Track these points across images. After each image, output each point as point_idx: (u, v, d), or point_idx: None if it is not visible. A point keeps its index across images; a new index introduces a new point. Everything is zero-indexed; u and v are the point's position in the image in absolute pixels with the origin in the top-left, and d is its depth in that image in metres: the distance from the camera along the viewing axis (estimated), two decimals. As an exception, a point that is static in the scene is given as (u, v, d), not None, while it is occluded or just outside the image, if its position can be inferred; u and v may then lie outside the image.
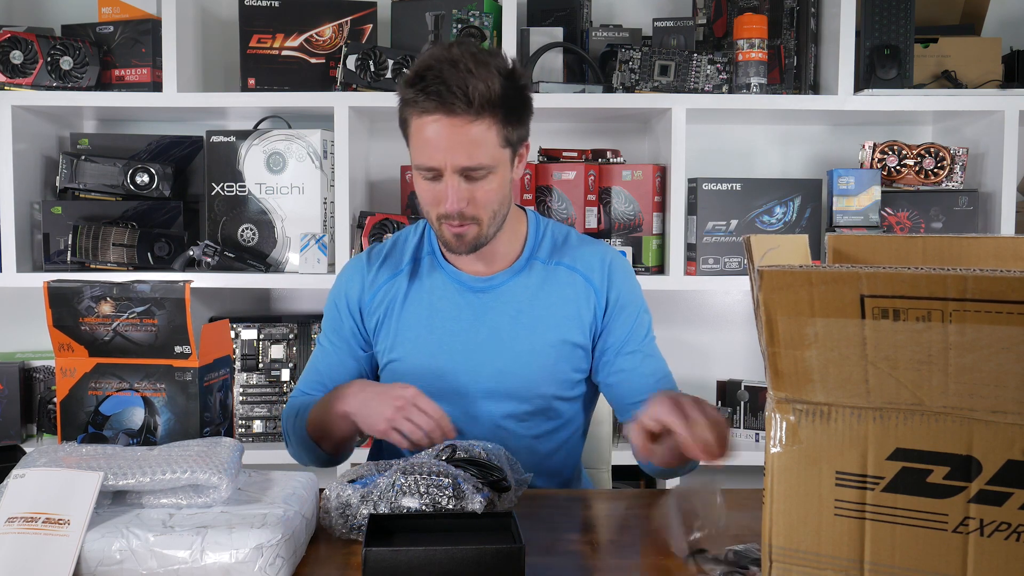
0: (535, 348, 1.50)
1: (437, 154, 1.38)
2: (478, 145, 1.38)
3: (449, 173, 1.39)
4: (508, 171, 1.45)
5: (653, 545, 1.22)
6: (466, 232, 1.44)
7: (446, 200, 1.40)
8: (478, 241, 1.46)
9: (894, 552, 0.78)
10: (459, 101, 1.34)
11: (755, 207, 2.29)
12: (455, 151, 1.37)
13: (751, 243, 0.95)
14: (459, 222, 1.42)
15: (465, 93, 1.34)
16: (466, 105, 1.35)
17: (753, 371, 2.54)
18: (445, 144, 1.37)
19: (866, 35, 2.23)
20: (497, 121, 1.39)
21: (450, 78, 1.34)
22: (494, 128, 1.39)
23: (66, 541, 1.02)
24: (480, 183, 1.41)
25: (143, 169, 2.31)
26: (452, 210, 1.40)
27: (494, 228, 1.46)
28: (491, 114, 1.37)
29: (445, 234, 1.45)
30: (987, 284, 0.70)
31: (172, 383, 1.35)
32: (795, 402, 0.80)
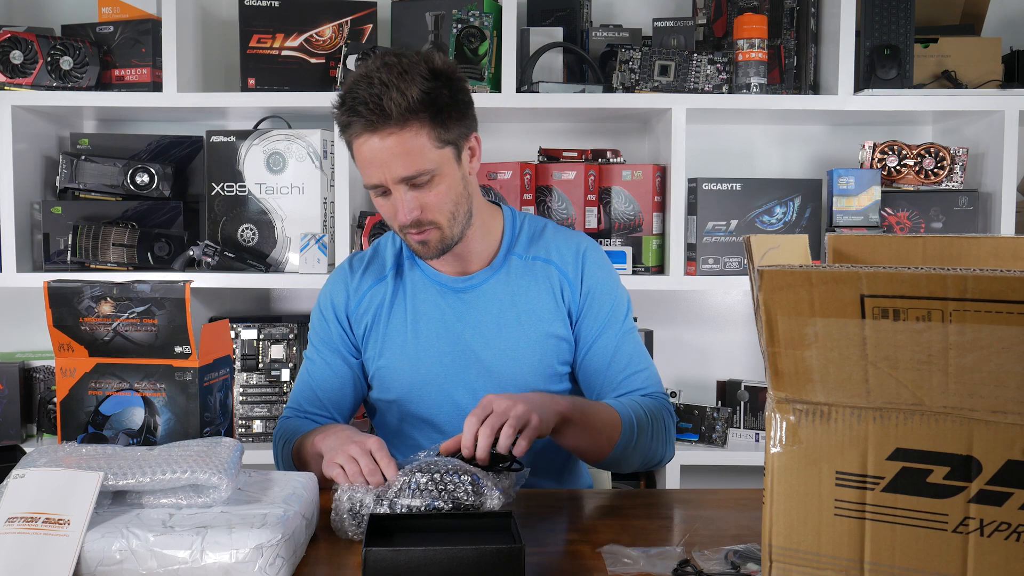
0: (520, 344, 1.51)
1: (376, 171, 1.39)
2: (410, 153, 1.37)
3: (393, 186, 1.40)
4: (455, 170, 1.43)
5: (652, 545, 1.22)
6: (428, 238, 1.44)
7: (397, 216, 1.42)
8: (443, 244, 1.46)
9: (894, 552, 0.78)
10: (377, 116, 1.35)
11: (755, 207, 2.29)
12: (390, 164, 1.38)
13: (751, 243, 0.95)
14: (417, 230, 1.43)
15: (380, 106, 1.34)
16: (384, 118, 1.35)
17: (753, 371, 2.54)
18: (380, 159, 1.38)
19: (866, 35, 2.23)
20: (425, 124, 1.37)
21: (365, 95, 1.35)
22: (423, 132, 1.37)
23: (66, 541, 1.02)
24: (427, 188, 1.41)
25: (143, 169, 2.31)
26: (405, 221, 1.41)
27: (457, 228, 1.46)
28: (416, 119, 1.36)
29: (410, 243, 1.47)
30: (987, 284, 0.70)
31: (172, 383, 1.35)
32: (795, 402, 0.80)
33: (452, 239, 1.46)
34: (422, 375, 1.52)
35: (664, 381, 2.52)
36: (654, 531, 1.32)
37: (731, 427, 2.36)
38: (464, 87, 1.45)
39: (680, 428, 2.37)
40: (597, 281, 1.54)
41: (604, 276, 1.56)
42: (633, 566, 1.10)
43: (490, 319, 1.52)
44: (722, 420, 2.34)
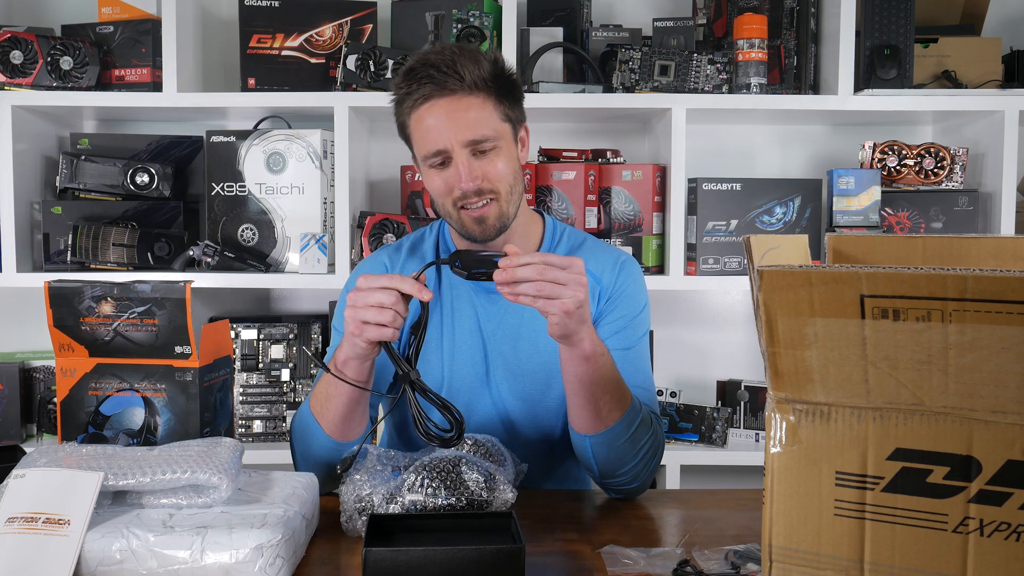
0: (548, 350, 1.50)
1: (442, 136, 1.40)
2: (479, 119, 1.40)
3: (458, 151, 1.40)
4: (514, 148, 1.47)
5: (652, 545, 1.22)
6: (487, 213, 1.43)
7: (460, 179, 1.40)
8: (501, 221, 1.44)
9: (894, 552, 0.78)
10: (452, 78, 1.38)
11: (755, 207, 2.29)
12: (458, 127, 1.39)
13: (751, 243, 0.95)
14: (478, 200, 1.42)
15: (455, 71, 1.38)
16: (459, 81, 1.39)
17: (753, 371, 2.54)
18: (447, 124, 1.40)
19: (866, 35, 2.23)
20: (491, 97, 1.42)
21: (438, 61, 1.39)
22: (490, 103, 1.42)
23: (66, 541, 1.02)
24: (489, 157, 1.42)
25: (143, 169, 2.31)
26: (468, 187, 1.40)
27: (513, 207, 1.46)
28: (484, 90, 1.41)
29: (465, 221, 1.44)
30: (987, 284, 0.70)
31: (172, 383, 1.35)
32: (795, 402, 0.80)
33: (508, 216, 1.45)
34: (451, 372, 1.50)
35: (664, 381, 2.54)
36: (654, 531, 1.32)
37: (731, 427, 2.36)
38: (518, 82, 1.49)
39: (680, 428, 2.37)
40: (625, 290, 1.53)
41: (634, 289, 1.55)
42: (633, 566, 1.10)
43: (521, 323, 1.51)
44: (722, 420, 2.34)
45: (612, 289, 1.53)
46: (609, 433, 1.37)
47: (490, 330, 1.51)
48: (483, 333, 1.51)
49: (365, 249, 2.24)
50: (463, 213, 1.43)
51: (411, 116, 1.43)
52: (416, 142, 1.44)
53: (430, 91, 1.39)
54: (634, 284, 1.55)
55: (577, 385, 1.34)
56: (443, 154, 1.41)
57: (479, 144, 1.40)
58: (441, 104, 1.40)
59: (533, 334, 1.51)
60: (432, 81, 1.39)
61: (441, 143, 1.40)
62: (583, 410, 1.36)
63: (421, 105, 1.41)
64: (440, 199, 1.45)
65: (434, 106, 1.40)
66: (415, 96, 1.41)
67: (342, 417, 1.38)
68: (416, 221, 2.26)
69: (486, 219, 1.43)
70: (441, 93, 1.39)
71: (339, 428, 1.38)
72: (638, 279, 1.57)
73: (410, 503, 1.17)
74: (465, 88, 1.39)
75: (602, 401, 1.35)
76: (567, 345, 1.31)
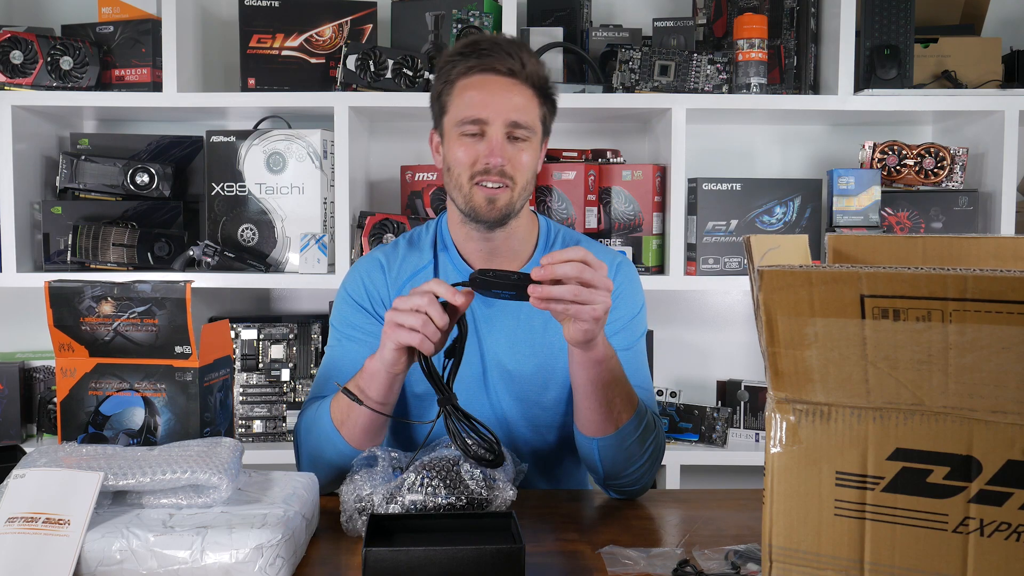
0: (544, 351, 1.50)
1: (486, 107, 1.43)
2: (524, 106, 1.45)
3: (496, 126, 1.43)
4: (538, 151, 1.50)
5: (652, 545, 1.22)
6: (499, 196, 1.44)
7: (490, 153, 1.43)
8: (508, 208, 1.46)
9: (894, 552, 0.78)
10: (514, 63, 1.44)
11: (755, 207, 2.29)
12: (505, 106, 1.43)
13: (751, 243, 0.95)
14: (496, 180, 1.43)
15: (520, 59, 1.44)
16: (520, 67, 1.44)
17: (753, 371, 2.54)
18: (495, 98, 1.43)
19: (866, 35, 2.23)
20: (536, 97, 1.47)
21: (507, 45, 1.45)
22: (536, 101, 1.47)
23: (66, 541, 1.02)
24: (521, 146, 1.46)
25: (143, 169, 2.31)
26: (495, 161, 1.42)
27: (521, 202, 1.48)
28: (533, 88, 1.47)
29: (477, 198, 1.45)
30: (987, 284, 0.70)
31: (172, 383, 1.35)
32: (795, 402, 0.80)
33: (515, 208, 1.47)
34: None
35: (664, 381, 2.54)
36: (654, 531, 1.32)
37: (731, 427, 2.36)
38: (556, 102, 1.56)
39: (680, 428, 2.37)
40: (624, 292, 1.54)
41: (632, 290, 1.55)
42: (633, 567, 1.10)
43: (517, 325, 1.51)
44: (722, 420, 2.34)
45: (613, 290, 1.53)
46: (619, 435, 1.37)
47: (486, 332, 1.51)
48: (479, 335, 1.51)
49: (365, 249, 2.24)
50: (477, 189, 1.45)
51: (459, 82, 1.46)
52: (455, 106, 1.46)
53: (490, 63, 1.44)
54: (632, 285, 1.56)
55: (591, 388, 1.34)
56: (480, 124, 1.44)
57: (517, 129, 1.44)
58: (495, 80, 1.44)
59: (529, 335, 1.51)
60: (495, 56, 1.43)
61: (484, 113, 1.43)
62: (595, 413, 1.36)
63: (475, 74, 1.45)
64: (458, 170, 1.46)
65: (488, 79, 1.44)
66: (471, 63, 1.44)
67: (366, 432, 1.37)
68: (416, 221, 2.26)
69: (496, 201, 1.44)
70: (498, 71, 1.44)
71: (361, 439, 1.38)
72: (635, 280, 1.57)
73: (410, 503, 1.17)
74: (521, 77, 1.45)
75: (614, 403, 1.35)
76: (584, 350, 1.30)
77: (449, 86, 1.47)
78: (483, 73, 1.44)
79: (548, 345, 1.50)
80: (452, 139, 1.47)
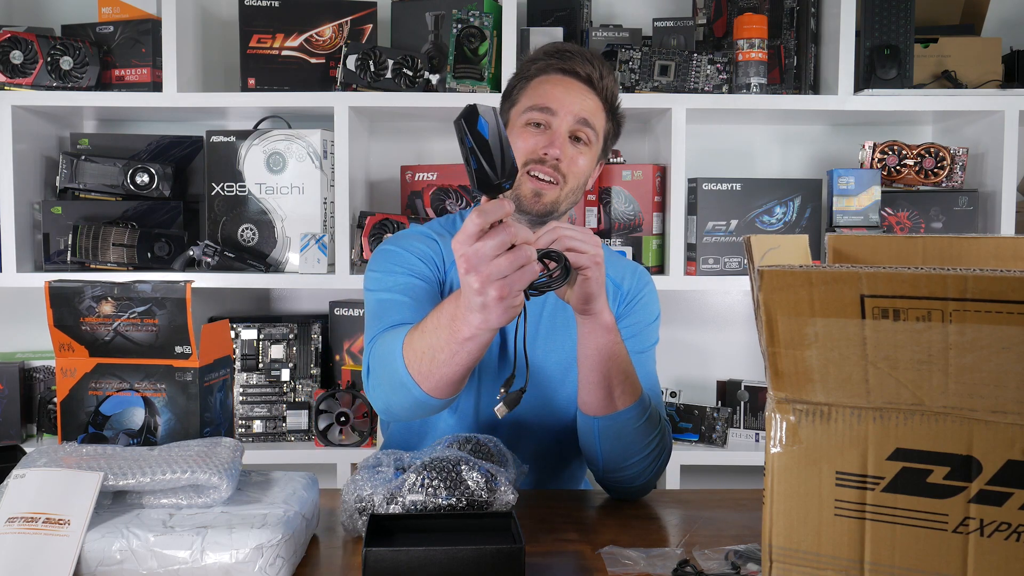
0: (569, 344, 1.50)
1: (559, 101, 1.46)
2: (594, 110, 1.49)
3: (563, 120, 1.46)
4: (593, 162, 1.53)
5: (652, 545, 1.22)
6: (547, 191, 1.46)
7: (549, 145, 1.45)
8: (553, 206, 1.47)
9: (894, 552, 0.78)
10: (594, 73, 1.48)
11: (755, 207, 2.29)
12: (576, 104, 1.47)
13: (751, 243, 0.95)
14: (549, 173, 1.45)
15: (600, 71, 1.49)
16: (599, 79, 1.49)
17: (753, 371, 2.54)
18: (569, 97, 1.47)
19: (866, 35, 2.23)
20: (606, 112, 1.52)
21: (592, 58, 1.50)
22: (604, 114, 1.52)
23: (66, 541, 1.02)
24: (581, 148, 1.48)
25: (143, 169, 2.31)
26: (555, 152, 1.45)
27: (565, 204, 1.50)
28: (604, 102, 1.51)
29: (525, 188, 1.46)
30: (987, 284, 0.70)
31: (172, 383, 1.35)
32: (795, 402, 0.80)
33: (559, 206, 1.49)
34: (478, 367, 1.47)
35: (664, 381, 2.54)
36: (654, 531, 1.32)
37: (731, 427, 2.36)
38: (620, 131, 1.61)
39: (680, 428, 2.37)
40: (644, 298, 1.57)
41: (651, 299, 1.58)
42: (633, 567, 1.10)
43: (540, 321, 1.52)
44: (722, 420, 2.34)
45: (633, 293, 1.57)
46: (619, 418, 1.36)
47: (510, 325, 1.50)
48: (503, 328, 1.49)
49: (365, 249, 2.24)
50: (527, 179, 1.46)
51: (536, 78, 1.50)
52: (526, 96, 1.50)
53: (571, 67, 1.47)
54: (651, 294, 1.60)
55: (596, 359, 1.32)
56: (548, 114, 1.46)
57: (582, 128, 1.47)
58: (573, 83, 1.48)
59: (551, 331, 1.52)
60: (578, 62, 1.47)
61: (554, 104, 1.46)
62: (597, 388, 1.35)
63: (555, 74, 1.49)
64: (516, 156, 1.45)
65: (566, 80, 1.48)
66: (552, 62, 1.49)
67: (451, 382, 1.23)
68: (416, 221, 2.26)
69: (543, 195, 1.46)
70: (577, 76, 1.48)
71: (445, 390, 1.24)
72: (653, 290, 1.61)
73: (410, 503, 1.17)
74: (597, 87, 1.49)
75: (615, 380, 1.34)
76: (590, 314, 1.29)
77: (525, 81, 1.52)
78: (562, 73, 1.48)
79: (570, 341, 1.51)
80: (516, 128, 1.49)
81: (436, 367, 1.21)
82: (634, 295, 1.57)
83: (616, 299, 1.55)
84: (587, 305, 1.29)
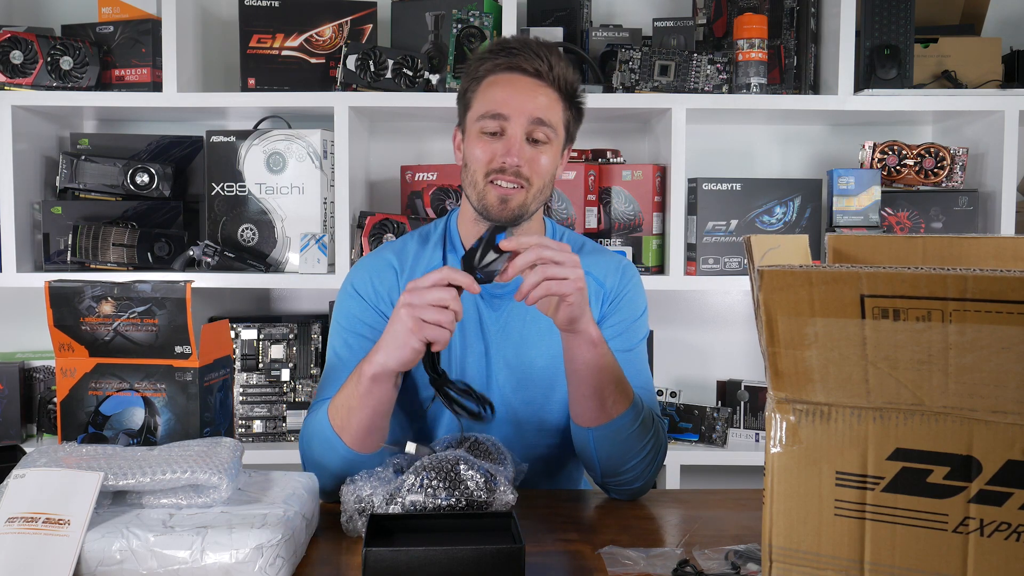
0: (554, 349, 1.50)
1: (508, 104, 1.43)
2: (548, 106, 1.45)
3: (516, 124, 1.43)
4: (559, 156, 1.49)
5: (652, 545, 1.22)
6: (513, 196, 1.44)
7: (508, 152, 1.42)
8: (521, 210, 1.45)
9: (894, 552, 0.78)
10: (542, 64, 1.43)
11: (755, 207, 2.29)
12: (528, 104, 1.43)
13: (751, 243, 0.95)
14: (511, 180, 1.43)
15: (548, 61, 1.44)
16: (548, 69, 1.44)
17: (753, 371, 2.54)
18: (519, 97, 1.43)
19: (866, 35, 2.23)
20: (562, 101, 1.47)
21: (536, 48, 1.45)
22: (561, 104, 1.47)
23: (66, 541, 1.02)
24: (540, 148, 1.45)
25: (143, 169, 2.31)
26: (512, 160, 1.42)
27: (535, 205, 1.47)
28: (559, 92, 1.46)
29: (490, 196, 1.44)
30: (987, 284, 0.70)
31: (172, 383, 1.35)
32: (795, 402, 0.80)
33: (528, 210, 1.46)
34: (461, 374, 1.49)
35: (664, 381, 2.54)
36: (654, 531, 1.32)
37: (731, 427, 2.36)
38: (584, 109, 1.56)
39: (680, 428, 2.37)
40: (628, 294, 1.54)
41: (635, 293, 1.56)
42: (633, 567, 1.10)
43: (524, 326, 1.51)
44: (722, 420, 2.34)
45: (616, 292, 1.54)
46: (612, 426, 1.36)
47: (493, 332, 1.51)
48: (486, 336, 1.51)
49: (365, 249, 2.24)
50: (490, 187, 1.44)
51: (485, 79, 1.46)
52: (478, 101, 1.46)
53: (517, 63, 1.43)
54: (635, 288, 1.56)
55: (585, 373, 1.33)
56: (501, 120, 1.43)
57: (538, 128, 1.43)
58: (521, 80, 1.44)
59: (538, 337, 1.51)
60: (523, 56, 1.43)
61: (506, 109, 1.43)
62: (589, 400, 1.35)
63: (502, 72, 1.45)
64: (474, 167, 1.45)
65: (514, 78, 1.44)
66: (499, 62, 1.44)
67: (368, 433, 1.33)
68: (416, 221, 2.26)
69: (509, 200, 1.44)
70: (525, 71, 1.44)
71: (364, 443, 1.34)
72: (639, 283, 1.58)
73: (410, 504, 1.17)
74: (547, 79, 1.44)
75: (607, 391, 1.34)
76: (574, 332, 1.30)
77: (475, 83, 1.47)
78: (509, 72, 1.44)
79: (555, 346, 1.50)
80: (472, 136, 1.46)
81: (351, 415, 1.32)
82: (618, 293, 1.54)
83: (599, 299, 1.53)
84: (571, 326, 1.29)
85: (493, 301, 1.51)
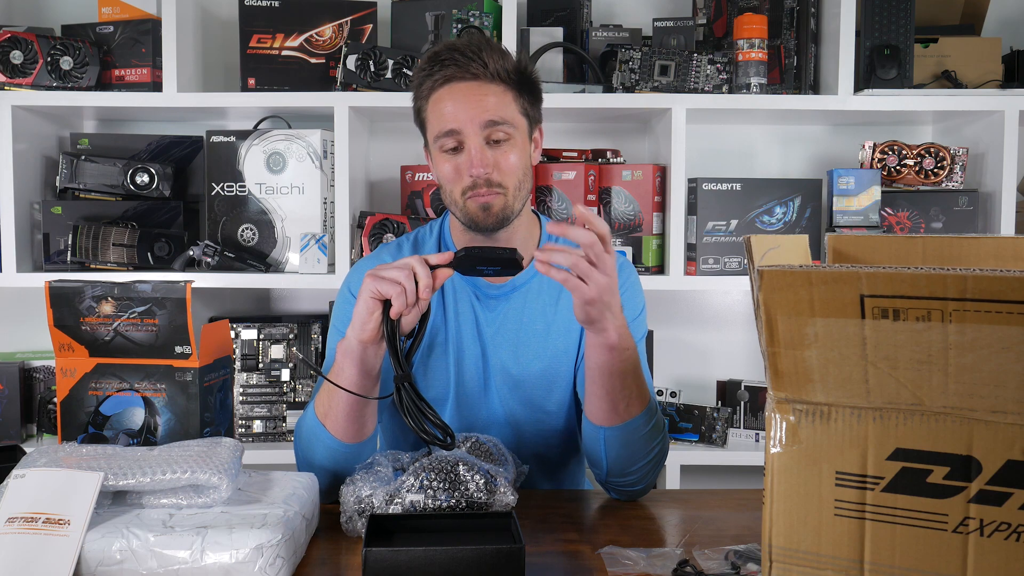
0: (548, 355, 1.50)
1: (458, 117, 1.40)
2: (498, 104, 1.41)
3: (472, 133, 1.40)
4: (527, 145, 1.46)
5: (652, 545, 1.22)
6: (493, 202, 1.42)
7: (471, 165, 1.40)
8: (504, 213, 1.43)
9: (894, 552, 0.78)
10: (475, 63, 1.40)
11: (755, 207, 2.29)
12: (475, 110, 1.40)
13: (751, 243, 0.95)
14: (485, 189, 1.41)
15: (480, 57, 1.40)
16: (482, 67, 1.40)
17: (753, 371, 2.54)
18: (464, 106, 1.40)
19: (866, 35, 2.23)
20: (512, 90, 1.43)
21: (464, 48, 1.41)
22: (510, 94, 1.43)
23: (66, 541, 1.02)
24: (503, 148, 1.42)
25: (143, 169, 2.31)
26: (479, 172, 1.39)
27: (519, 202, 1.45)
28: (505, 82, 1.42)
29: (470, 208, 1.43)
30: (987, 284, 0.70)
31: (172, 383, 1.35)
32: (795, 402, 0.80)
33: (512, 211, 1.44)
34: (458, 377, 1.49)
35: (664, 381, 2.54)
36: (654, 531, 1.32)
37: (731, 427, 2.36)
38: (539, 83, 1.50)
39: (680, 428, 2.37)
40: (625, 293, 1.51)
41: (633, 292, 1.54)
42: (633, 567, 1.10)
43: (520, 328, 1.50)
44: (722, 420, 2.34)
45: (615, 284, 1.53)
46: (625, 428, 1.35)
47: (490, 335, 1.51)
48: (483, 339, 1.51)
49: (365, 249, 2.24)
50: (468, 201, 1.42)
51: (430, 98, 1.43)
52: (431, 123, 1.44)
53: (452, 72, 1.40)
54: (633, 287, 1.55)
55: (596, 373, 1.32)
56: (456, 135, 1.40)
57: (495, 128, 1.40)
58: (461, 87, 1.40)
59: (534, 339, 1.50)
60: (456, 64, 1.40)
61: (456, 123, 1.40)
62: (600, 400, 1.34)
63: (442, 87, 1.41)
64: (449, 186, 1.44)
65: (454, 88, 1.41)
66: (436, 77, 1.41)
67: (347, 418, 1.33)
68: (416, 221, 2.26)
69: (491, 207, 1.42)
70: (463, 76, 1.40)
71: (345, 430, 1.34)
72: (636, 282, 1.57)
73: (410, 504, 1.17)
74: (487, 75, 1.40)
75: (619, 395, 1.33)
76: (592, 332, 1.29)
77: (424, 102, 1.45)
78: (448, 83, 1.41)
79: (552, 348, 1.50)
80: (436, 156, 1.45)
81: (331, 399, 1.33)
82: None
83: None
84: (588, 325, 1.28)
85: (489, 303, 1.51)
